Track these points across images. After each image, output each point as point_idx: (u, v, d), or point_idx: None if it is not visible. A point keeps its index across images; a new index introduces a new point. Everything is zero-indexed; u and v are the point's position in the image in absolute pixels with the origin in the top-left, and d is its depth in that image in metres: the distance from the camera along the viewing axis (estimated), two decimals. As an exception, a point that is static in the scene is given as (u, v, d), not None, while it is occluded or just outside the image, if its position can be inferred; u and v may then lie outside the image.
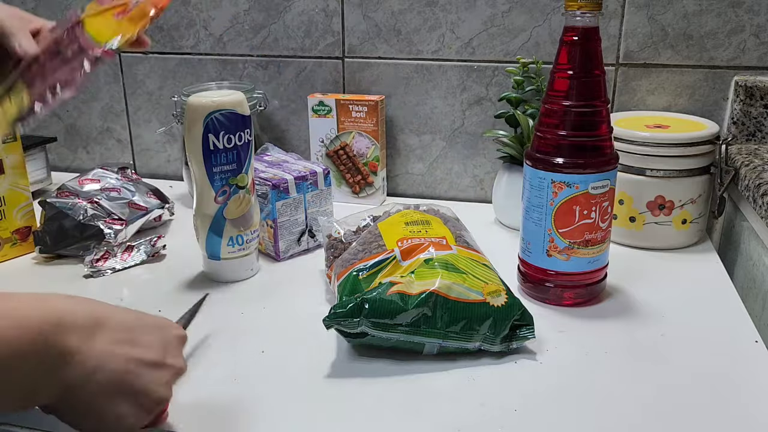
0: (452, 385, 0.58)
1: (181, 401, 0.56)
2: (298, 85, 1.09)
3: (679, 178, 0.83)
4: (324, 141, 1.04)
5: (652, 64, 0.94)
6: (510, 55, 0.99)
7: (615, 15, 0.93)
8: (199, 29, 1.10)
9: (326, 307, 0.62)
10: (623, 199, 0.85)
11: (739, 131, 0.91)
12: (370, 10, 1.02)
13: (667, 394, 0.57)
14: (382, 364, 0.61)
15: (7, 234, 0.84)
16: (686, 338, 0.65)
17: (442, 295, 0.60)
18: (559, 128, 0.67)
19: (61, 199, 0.85)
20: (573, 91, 0.66)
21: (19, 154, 0.84)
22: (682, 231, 0.85)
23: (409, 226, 0.70)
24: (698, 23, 0.91)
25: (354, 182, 1.04)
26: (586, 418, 0.54)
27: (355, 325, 0.59)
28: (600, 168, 0.67)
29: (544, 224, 0.69)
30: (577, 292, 0.71)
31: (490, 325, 0.61)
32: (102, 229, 0.83)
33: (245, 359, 0.62)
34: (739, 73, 0.92)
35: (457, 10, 0.98)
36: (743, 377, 0.59)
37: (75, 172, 1.21)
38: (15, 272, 0.82)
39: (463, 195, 1.08)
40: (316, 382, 0.59)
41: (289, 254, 0.85)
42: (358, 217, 0.79)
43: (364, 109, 1.00)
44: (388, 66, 1.04)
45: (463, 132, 1.04)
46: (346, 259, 0.69)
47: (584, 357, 0.62)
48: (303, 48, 1.06)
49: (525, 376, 0.59)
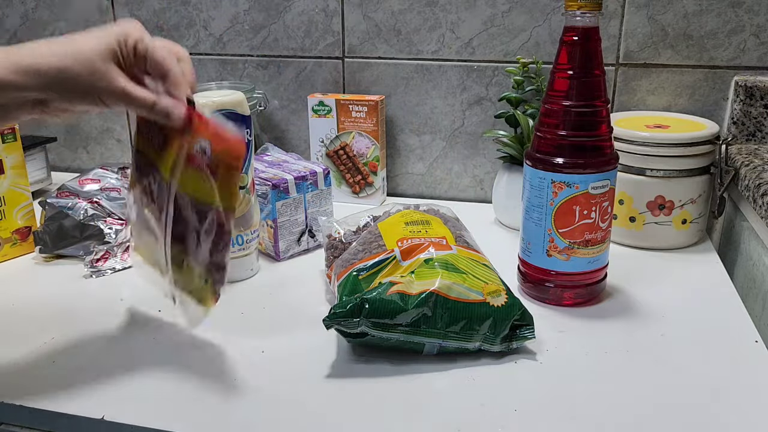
0: (452, 385, 0.58)
1: (181, 401, 0.56)
2: (298, 85, 1.09)
3: (679, 178, 0.83)
4: (324, 141, 1.04)
5: (652, 64, 0.94)
6: (510, 55, 0.99)
7: (615, 15, 0.93)
8: (199, 29, 1.10)
9: (326, 307, 0.62)
10: (623, 199, 0.85)
11: (739, 131, 0.91)
12: (370, 10, 1.02)
13: (666, 394, 0.57)
14: (382, 364, 0.61)
15: (7, 234, 0.85)
16: (686, 338, 0.65)
17: (442, 295, 0.60)
18: (559, 128, 0.67)
19: (61, 199, 0.85)
20: (573, 91, 0.66)
21: (19, 154, 0.84)
22: (682, 231, 0.85)
23: (409, 226, 0.70)
24: (698, 23, 0.91)
25: (354, 182, 1.04)
26: (586, 418, 0.54)
27: (355, 325, 0.59)
28: (600, 168, 0.67)
29: (544, 224, 0.69)
30: (577, 292, 0.71)
31: (490, 325, 0.61)
32: (102, 229, 0.83)
33: (245, 359, 0.62)
34: (739, 73, 0.92)
35: (457, 10, 0.98)
36: (743, 377, 0.59)
37: (75, 172, 1.22)
38: (15, 272, 0.82)
39: (463, 195, 1.08)
40: (316, 382, 0.59)
41: (289, 254, 0.85)
42: (358, 217, 0.79)
43: (364, 109, 1.00)
44: (388, 66, 1.04)
45: (463, 132, 1.04)
46: (346, 259, 0.69)
47: (584, 357, 0.62)
48: (303, 48, 1.06)
49: (525, 376, 0.59)
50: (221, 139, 0.56)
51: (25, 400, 0.56)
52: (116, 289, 0.77)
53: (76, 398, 0.56)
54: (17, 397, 0.56)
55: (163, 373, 0.60)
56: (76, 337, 0.66)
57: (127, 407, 0.55)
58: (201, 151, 0.56)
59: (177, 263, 0.60)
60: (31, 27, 1.17)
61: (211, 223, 0.58)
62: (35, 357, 0.63)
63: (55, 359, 0.62)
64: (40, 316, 0.70)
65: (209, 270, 0.59)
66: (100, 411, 0.54)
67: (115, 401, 0.56)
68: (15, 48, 0.50)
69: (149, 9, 1.11)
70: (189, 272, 0.60)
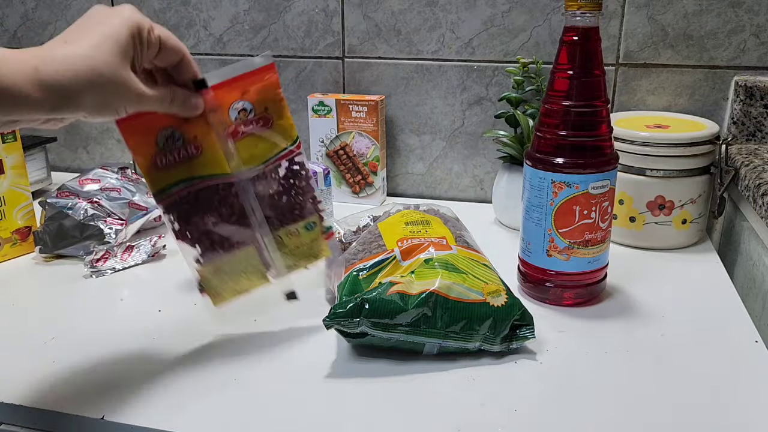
0: (452, 385, 0.58)
1: (181, 401, 0.56)
2: (298, 85, 1.09)
3: (679, 178, 0.83)
4: (324, 141, 1.04)
5: (652, 64, 0.94)
6: (510, 55, 0.99)
7: (615, 15, 0.93)
8: (199, 29, 1.10)
9: (326, 307, 0.62)
10: (623, 199, 0.85)
11: (739, 131, 0.91)
12: (370, 10, 1.02)
13: (666, 394, 0.57)
14: (382, 364, 0.61)
15: (7, 234, 0.85)
16: (686, 338, 0.65)
17: (442, 295, 0.60)
18: (559, 128, 0.67)
19: (61, 199, 0.85)
20: (573, 91, 0.66)
21: (19, 154, 0.84)
22: (682, 231, 0.85)
23: (409, 226, 0.70)
24: (698, 23, 0.91)
25: (354, 182, 1.04)
26: (585, 418, 0.54)
27: (355, 325, 0.59)
28: (600, 168, 0.67)
29: (544, 224, 0.69)
30: (577, 292, 0.71)
31: (490, 325, 0.61)
32: (102, 229, 0.83)
33: (245, 359, 0.62)
34: (739, 73, 0.92)
35: (457, 10, 0.98)
36: (743, 377, 0.59)
37: (75, 172, 1.22)
38: (15, 272, 0.82)
39: (463, 195, 1.08)
40: (316, 382, 0.59)
41: (289, 254, 0.85)
42: (358, 217, 0.79)
43: (364, 109, 1.00)
44: (388, 66, 1.04)
45: (463, 132, 1.04)
46: (346, 259, 0.69)
47: (584, 357, 0.62)
48: (303, 48, 1.06)
49: (525, 376, 0.59)
50: (251, 82, 0.54)
51: (25, 400, 0.56)
52: (116, 289, 0.77)
53: (76, 398, 0.56)
54: (17, 397, 0.56)
55: (162, 373, 0.60)
56: (76, 337, 0.66)
57: (127, 407, 0.55)
58: (242, 113, 0.55)
59: (279, 245, 0.60)
60: (31, 27, 1.17)
61: (285, 171, 0.58)
62: (35, 357, 0.63)
63: (55, 359, 0.62)
64: (40, 316, 0.70)
65: (311, 213, 0.59)
66: (100, 411, 0.54)
67: (115, 401, 0.56)
68: (29, 55, 0.46)
69: (149, 9, 1.11)
70: (294, 239, 0.59)
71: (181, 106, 0.54)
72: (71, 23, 0.52)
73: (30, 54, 0.45)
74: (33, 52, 0.46)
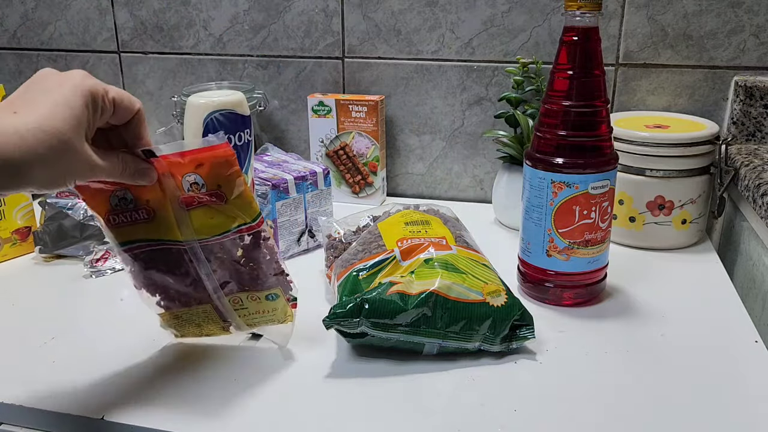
0: (452, 385, 0.58)
1: (181, 401, 0.56)
2: (298, 85, 1.09)
3: (679, 178, 0.83)
4: (324, 141, 1.04)
5: (652, 64, 0.94)
6: (510, 55, 0.99)
7: (615, 15, 0.93)
8: (199, 29, 1.10)
9: (326, 307, 0.62)
10: (623, 199, 0.85)
11: (738, 131, 0.91)
12: (370, 10, 1.02)
13: (667, 394, 0.57)
14: (382, 364, 0.61)
15: (7, 234, 0.84)
16: (686, 338, 0.65)
17: (441, 295, 0.60)
18: (559, 128, 0.67)
19: (60, 199, 0.85)
20: (573, 91, 0.66)
21: (19, 154, 0.84)
22: (682, 231, 0.85)
23: (409, 226, 0.70)
24: (698, 23, 0.91)
25: (354, 182, 1.04)
26: (585, 418, 0.54)
27: (355, 325, 0.59)
28: (600, 168, 0.67)
29: (544, 224, 0.69)
30: (577, 292, 0.71)
31: (489, 325, 0.61)
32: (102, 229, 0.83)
33: (245, 359, 0.62)
34: (739, 73, 0.92)
35: (457, 10, 0.98)
36: (743, 377, 0.59)
37: (75, 172, 1.22)
38: (15, 272, 0.82)
39: (463, 195, 1.08)
40: (316, 382, 0.59)
41: (289, 254, 0.85)
42: (358, 217, 0.79)
43: (364, 109, 1.00)
44: (388, 66, 1.04)
45: (463, 132, 1.04)
46: (345, 259, 0.69)
47: (584, 357, 0.62)
48: (303, 48, 1.06)
49: (525, 376, 0.59)
50: (203, 158, 0.52)
51: (25, 400, 0.56)
52: (116, 289, 0.77)
53: (76, 398, 0.56)
54: (17, 397, 0.56)
55: (163, 373, 0.60)
56: (76, 337, 0.66)
57: (127, 407, 0.55)
58: (194, 186, 0.53)
59: (237, 307, 0.60)
60: (31, 27, 1.17)
61: (247, 244, 0.57)
62: (35, 357, 0.63)
63: (55, 359, 0.62)
64: (40, 316, 0.70)
65: (273, 286, 0.59)
66: (100, 411, 0.54)
67: (115, 401, 0.56)
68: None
69: (149, 9, 1.11)
70: (255, 304, 0.60)
71: (132, 176, 0.51)
72: (71, 23, 0.51)
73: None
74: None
